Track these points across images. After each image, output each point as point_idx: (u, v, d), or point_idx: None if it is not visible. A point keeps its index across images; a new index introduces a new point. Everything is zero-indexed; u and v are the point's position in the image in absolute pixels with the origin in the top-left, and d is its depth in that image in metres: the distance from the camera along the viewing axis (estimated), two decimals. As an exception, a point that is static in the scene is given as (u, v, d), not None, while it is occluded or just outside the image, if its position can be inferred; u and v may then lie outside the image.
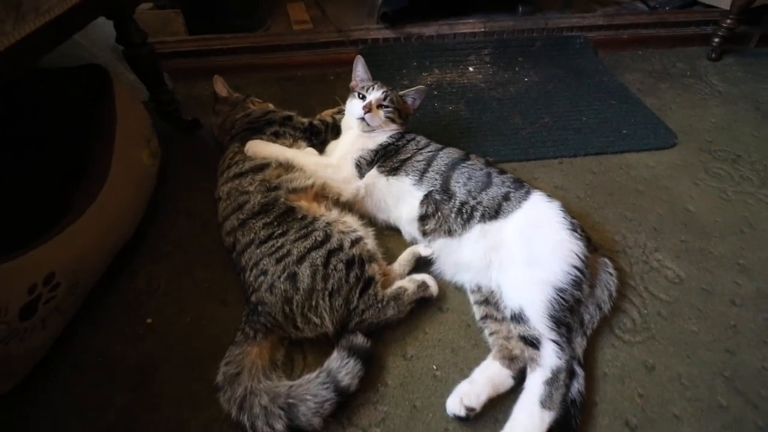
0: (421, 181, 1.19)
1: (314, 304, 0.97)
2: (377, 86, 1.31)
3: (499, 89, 1.87)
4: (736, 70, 2.03)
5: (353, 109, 1.29)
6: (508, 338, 0.99)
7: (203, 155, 1.50)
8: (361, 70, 1.36)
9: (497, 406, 0.93)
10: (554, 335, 0.95)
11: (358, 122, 1.28)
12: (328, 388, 0.88)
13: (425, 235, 1.17)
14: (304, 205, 1.12)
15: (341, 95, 1.45)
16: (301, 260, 0.99)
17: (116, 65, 1.51)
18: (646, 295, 1.15)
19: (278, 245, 1.02)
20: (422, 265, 1.17)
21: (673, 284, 1.18)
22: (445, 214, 1.14)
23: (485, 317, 1.05)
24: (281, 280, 0.97)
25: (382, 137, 1.28)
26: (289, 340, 1.00)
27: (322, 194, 1.20)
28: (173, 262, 1.21)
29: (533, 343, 0.96)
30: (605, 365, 1.01)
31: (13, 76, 0.89)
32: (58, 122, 1.25)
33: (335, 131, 1.44)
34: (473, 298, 1.10)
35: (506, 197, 1.12)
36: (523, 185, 1.16)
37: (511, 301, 1.00)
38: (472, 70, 1.98)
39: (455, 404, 0.90)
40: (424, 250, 1.16)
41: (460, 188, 1.16)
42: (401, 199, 1.21)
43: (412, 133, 1.34)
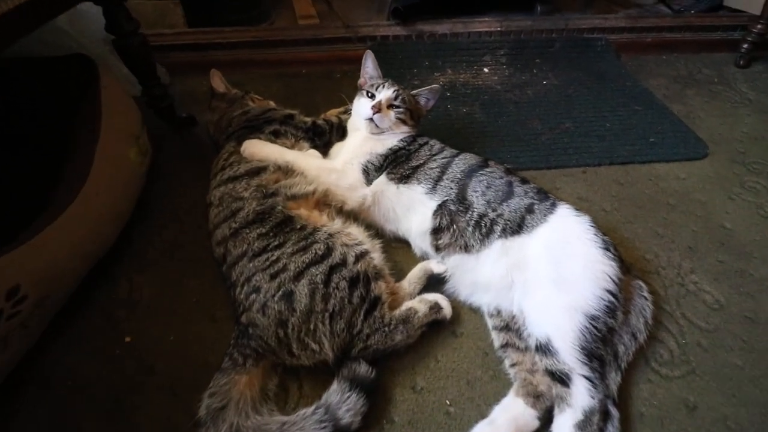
0: (434, 189, 1.09)
1: (312, 327, 0.88)
2: (388, 84, 1.21)
3: (516, 91, 1.79)
4: (766, 78, 1.94)
5: (361, 108, 1.20)
6: (532, 372, 0.89)
7: (197, 154, 1.43)
8: (370, 66, 1.26)
9: (520, 451, 0.84)
10: (586, 370, 0.85)
11: (366, 123, 1.18)
12: (325, 427, 0.80)
13: (438, 250, 1.07)
14: (304, 213, 1.04)
15: (348, 94, 1.36)
16: (298, 277, 0.90)
17: (108, 57, 1.45)
18: (683, 322, 1.05)
19: (273, 259, 0.93)
20: (434, 283, 1.08)
21: (712, 310, 1.08)
22: (461, 227, 1.04)
23: (506, 345, 0.96)
24: (275, 299, 0.88)
25: (392, 140, 1.19)
26: (283, 367, 0.92)
27: (324, 202, 1.12)
28: (159, 270, 1.13)
29: (562, 379, 0.85)
30: (642, 404, 0.91)
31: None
32: (38, 116, 1.18)
33: (341, 132, 1.36)
34: (492, 322, 1.00)
35: (530, 209, 1.02)
36: (548, 196, 1.06)
37: (536, 328, 0.91)
38: (487, 71, 1.91)
39: (472, 450, 0.80)
40: (436, 266, 1.06)
41: (478, 198, 1.05)
42: (412, 209, 1.12)
43: (424, 136, 1.24)
